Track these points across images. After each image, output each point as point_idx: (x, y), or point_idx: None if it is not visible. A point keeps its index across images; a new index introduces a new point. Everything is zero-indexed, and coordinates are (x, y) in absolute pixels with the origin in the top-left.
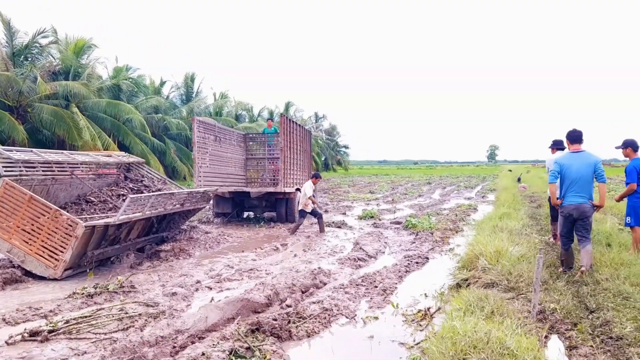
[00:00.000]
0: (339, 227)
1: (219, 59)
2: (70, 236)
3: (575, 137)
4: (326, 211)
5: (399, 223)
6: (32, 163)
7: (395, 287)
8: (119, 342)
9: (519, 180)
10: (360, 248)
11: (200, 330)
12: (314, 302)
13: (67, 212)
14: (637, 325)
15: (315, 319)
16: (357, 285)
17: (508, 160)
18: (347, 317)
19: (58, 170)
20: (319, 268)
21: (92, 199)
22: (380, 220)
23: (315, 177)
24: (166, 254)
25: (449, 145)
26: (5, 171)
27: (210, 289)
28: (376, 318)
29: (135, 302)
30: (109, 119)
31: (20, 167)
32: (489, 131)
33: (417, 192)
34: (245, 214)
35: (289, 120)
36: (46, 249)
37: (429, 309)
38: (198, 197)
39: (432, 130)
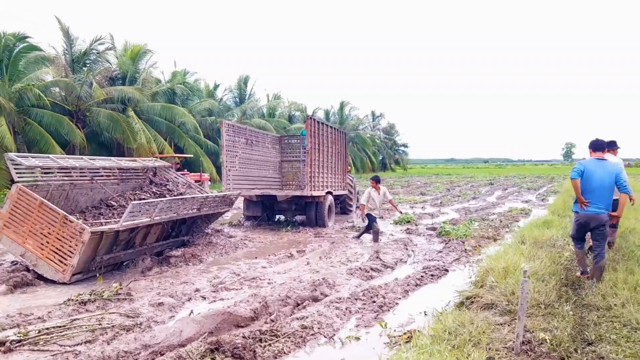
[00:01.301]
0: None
1: (273, 60)
2: (78, 241)
3: (597, 145)
4: None
5: (434, 229)
6: (50, 169)
7: (396, 303)
8: (79, 356)
9: None
10: (378, 257)
11: (171, 346)
12: (298, 318)
13: (86, 216)
14: None
15: (290, 337)
16: (355, 299)
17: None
18: (325, 337)
19: (77, 176)
20: (323, 279)
21: (113, 203)
22: (416, 225)
23: (374, 180)
24: (176, 260)
25: (524, 143)
26: (19, 177)
27: (204, 298)
28: (357, 339)
29: (118, 312)
30: (164, 122)
31: (35, 173)
32: (568, 127)
33: (472, 194)
34: (277, 217)
35: (316, 121)
36: (56, 253)
37: (417, 331)
38: (218, 201)
39: (505, 126)
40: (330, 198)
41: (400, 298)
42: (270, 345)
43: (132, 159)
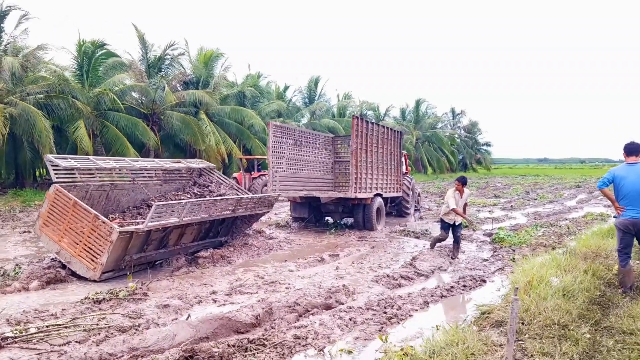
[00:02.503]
0: (417, 237)
1: (346, 61)
2: (107, 240)
3: (632, 149)
4: (421, 218)
5: (490, 235)
6: (89, 170)
7: (410, 315)
8: (62, 356)
9: None
10: (411, 264)
11: (160, 349)
12: (296, 327)
13: (125, 216)
14: None
15: (277, 348)
16: (367, 309)
17: None
18: (316, 349)
19: (118, 177)
20: (343, 286)
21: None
22: (473, 230)
23: (456, 180)
24: (204, 261)
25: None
26: (57, 178)
27: (215, 301)
28: (350, 352)
29: (122, 312)
30: (234, 124)
31: (74, 173)
32: None
33: (551, 197)
34: (326, 220)
35: (363, 120)
36: (87, 251)
37: (410, 347)
38: (255, 202)
39: (605, 124)
40: (379, 200)
41: (417, 310)
42: (253, 355)
43: (176, 160)
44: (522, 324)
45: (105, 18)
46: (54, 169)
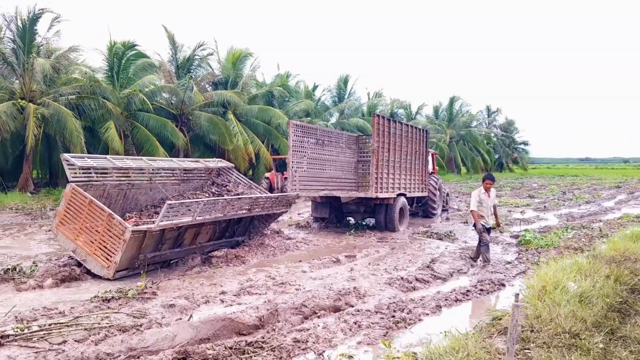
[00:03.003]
0: (441, 238)
1: (377, 61)
2: (120, 239)
3: None
4: (448, 219)
5: (517, 237)
6: (106, 169)
7: (420, 320)
8: (59, 355)
9: None
10: (428, 266)
11: (158, 350)
12: (299, 330)
13: (142, 215)
14: None
15: (275, 351)
16: (376, 312)
17: None
18: (315, 353)
19: (135, 176)
20: (354, 288)
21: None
22: (500, 232)
23: (484, 179)
24: (217, 260)
25: None
26: (73, 177)
27: (223, 302)
28: (350, 357)
29: (126, 312)
30: (262, 124)
31: (91, 172)
32: None
33: (588, 198)
34: (348, 220)
35: (385, 119)
36: (102, 250)
37: (414, 354)
38: (271, 202)
39: None
40: (402, 200)
41: (428, 314)
42: (250, 358)
43: (195, 159)
44: (532, 331)
45: (136, 19)
46: (70, 168)
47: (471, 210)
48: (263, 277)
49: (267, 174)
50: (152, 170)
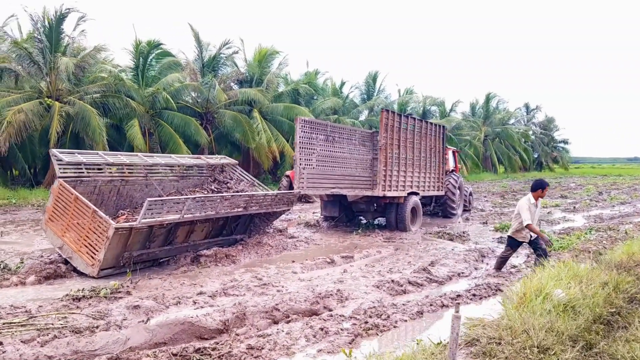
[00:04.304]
0: (452, 239)
1: (408, 60)
2: (104, 236)
3: None
4: (467, 219)
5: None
6: (98, 165)
7: (394, 326)
8: None
9: None
10: (425, 269)
11: (106, 355)
12: (259, 336)
13: (137, 212)
14: None
15: (221, 359)
16: (350, 317)
17: None
18: None
19: (130, 172)
20: (338, 291)
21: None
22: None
23: (537, 187)
24: (206, 260)
25: None
26: (61, 172)
27: (195, 303)
28: None
29: (87, 312)
30: (287, 122)
31: (81, 168)
32: None
33: (625, 199)
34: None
35: (395, 114)
36: (87, 247)
37: None
38: (270, 200)
39: None
40: (414, 199)
41: (406, 320)
42: None
43: (196, 156)
44: (498, 344)
45: (162, 18)
46: (58, 163)
47: (526, 225)
48: (249, 277)
49: (288, 172)
50: (148, 166)
